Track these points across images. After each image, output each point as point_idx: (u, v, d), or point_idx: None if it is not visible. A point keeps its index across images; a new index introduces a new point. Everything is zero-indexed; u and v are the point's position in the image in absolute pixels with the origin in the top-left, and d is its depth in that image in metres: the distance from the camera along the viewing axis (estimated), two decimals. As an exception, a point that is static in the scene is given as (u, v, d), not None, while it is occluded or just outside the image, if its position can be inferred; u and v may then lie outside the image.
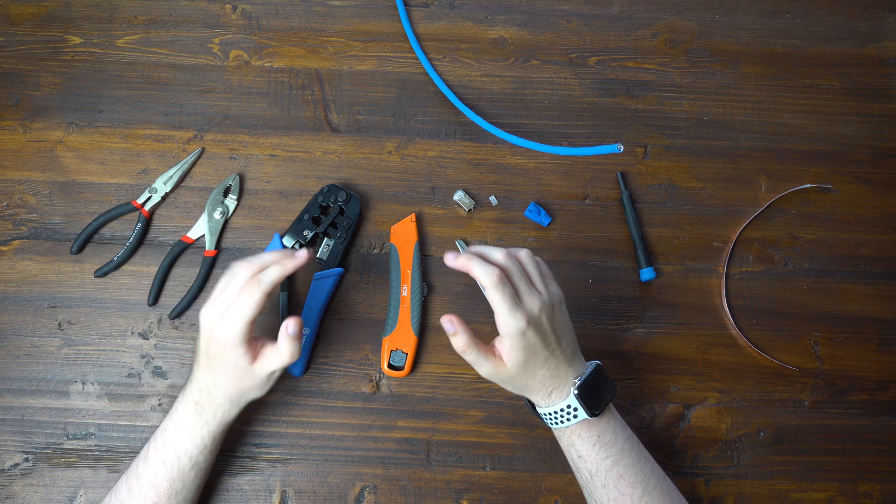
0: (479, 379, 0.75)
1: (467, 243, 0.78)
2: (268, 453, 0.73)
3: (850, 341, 0.78)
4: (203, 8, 0.85)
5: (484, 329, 0.76)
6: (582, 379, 0.62)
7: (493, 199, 0.79)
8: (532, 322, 0.60)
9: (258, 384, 0.63)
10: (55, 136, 0.80)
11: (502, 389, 0.75)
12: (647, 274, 0.77)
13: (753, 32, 0.86)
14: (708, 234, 0.80)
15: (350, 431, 0.74)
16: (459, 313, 0.76)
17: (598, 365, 0.64)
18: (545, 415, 0.65)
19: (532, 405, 0.67)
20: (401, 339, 0.75)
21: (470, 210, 0.79)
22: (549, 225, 0.79)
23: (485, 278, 0.59)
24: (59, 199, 0.79)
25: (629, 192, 0.80)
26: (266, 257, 0.63)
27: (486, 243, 0.79)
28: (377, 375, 0.75)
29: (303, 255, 0.62)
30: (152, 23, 0.84)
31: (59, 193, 0.79)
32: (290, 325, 0.61)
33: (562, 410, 0.63)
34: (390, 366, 0.74)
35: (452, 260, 0.61)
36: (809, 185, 0.81)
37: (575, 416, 0.63)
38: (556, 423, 0.64)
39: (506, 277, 0.60)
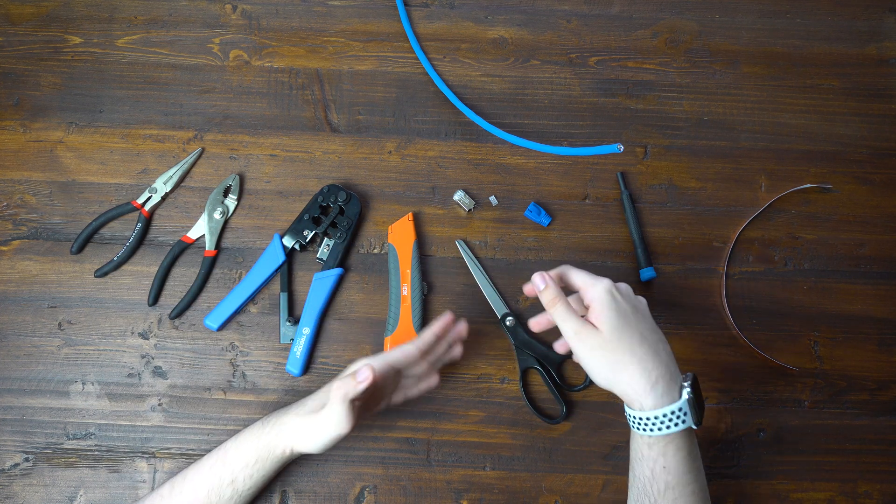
0: (480, 379, 0.75)
1: (467, 243, 0.78)
2: (268, 453, 0.73)
3: (850, 341, 0.78)
4: (203, 8, 0.85)
5: (485, 329, 0.76)
6: (690, 381, 0.59)
7: (493, 199, 0.79)
8: (616, 289, 0.61)
9: (320, 414, 0.63)
10: (55, 136, 0.80)
11: (502, 389, 0.75)
12: (647, 274, 0.77)
13: (753, 32, 0.86)
14: (708, 234, 0.80)
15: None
16: (459, 313, 0.77)
17: (692, 375, 0.60)
18: (647, 418, 0.59)
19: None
20: (403, 338, 0.75)
21: (470, 210, 0.79)
22: (549, 225, 0.79)
23: (562, 269, 0.64)
24: (59, 199, 0.79)
25: (629, 192, 0.80)
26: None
27: (486, 243, 0.79)
28: (377, 375, 0.75)
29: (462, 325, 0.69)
30: (152, 23, 0.84)
31: (59, 193, 0.79)
32: (361, 370, 0.61)
33: (671, 414, 0.58)
34: (390, 366, 0.74)
35: (539, 282, 0.63)
36: (809, 185, 0.81)
37: (683, 422, 0.58)
38: (658, 429, 0.58)
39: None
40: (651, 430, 0.59)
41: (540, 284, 0.63)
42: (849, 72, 0.85)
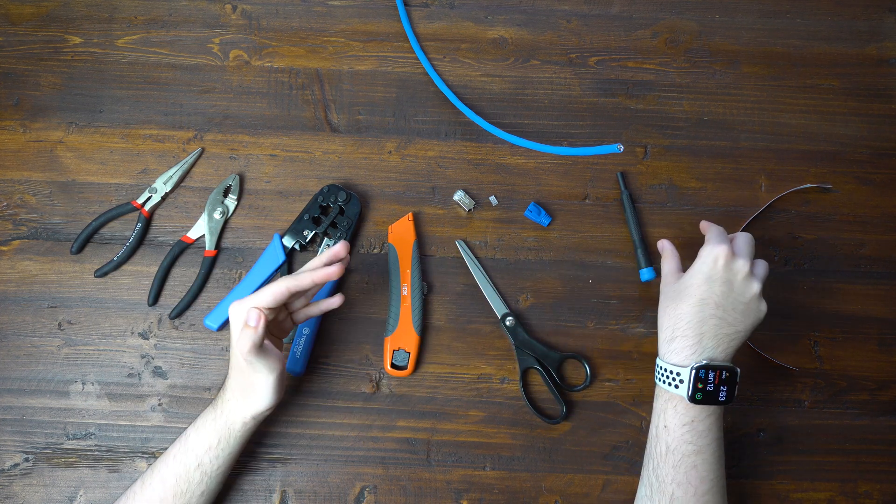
0: (480, 379, 0.75)
1: (467, 243, 0.78)
2: (268, 453, 0.73)
3: (850, 341, 0.78)
4: (203, 8, 0.85)
5: (484, 329, 0.76)
6: (708, 363, 0.62)
7: (493, 199, 0.79)
8: (729, 259, 0.64)
9: (248, 378, 0.63)
10: (55, 136, 0.80)
11: (502, 389, 0.75)
12: (646, 274, 0.77)
13: (753, 32, 0.86)
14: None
15: (350, 431, 0.74)
16: (459, 313, 0.77)
17: (736, 370, 0.63)
18: (657, 367, 0.65)
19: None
20: (403, 338, 0.75)
21: (470, 210, 0.79)
22: (549, 225, 0.79)
23: (708, 226, 0.69)
24: (59, 199, 0.79)
25: (629, 192, 0.80)
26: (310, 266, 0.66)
27: (486, 243, 0.79)
28: (377, 375, 0.75)
29: (335, 269, 0.64)
30: (152, 23, 0.84)
31: (59, 193, 0.79)
32: (249, 315, 0.61)
33: (669, 372, 0.63)
34: (393, 365, 0.74)
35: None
36: (809, 185, 0.81)
37: (676, 388, 0.62)
38: (658, 380, 0.65)
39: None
40: (657, 378, 0.65)
41: (660, 245, 0.73)
42: (849, 72, 0.85)
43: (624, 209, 0.79)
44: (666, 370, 0.64)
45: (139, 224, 0.77)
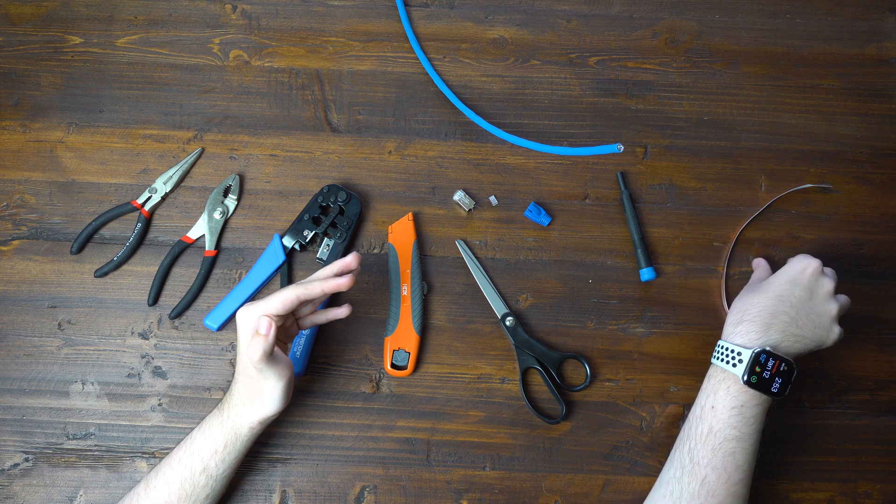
0: (480, 379, 0.75)
1: (467, 243, 0.78)
2: (268, 453, 0.73)
3: (850, 341, 0.77)
4: (203, 8, 0.85)
5: (484, 329, 0.76)
6: (771, 350, 0.63)
7: (493, 199, 0.79)
8: (816, 273, 0.66)
9: (257, 384, 0.63)
10: (55, 136, 0.80)
11: (502, 389, 0.75)
12: (647, 274, 0.77)
13: (753, 32, 0.86)
14: (708, 234, 0.80)
15: (350, 431, 0.74)
16: (459, 313, 0.77)
17: (794, 367, 0.64)
18: (718, 347, 0.66)
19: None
20: (403, 338, 0.75)
21: (470, 210, 0.79)
22: (549, 225, 0.79)
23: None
24: (59, 199, 0.79)
25: (629, 192, 0.80)
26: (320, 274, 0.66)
27: (486, 243, 0.79)
28: (377, 375, 0.75)
29: (348, 261, 0.64)
30: (152, 23, 0.84)
31: (59, 193, 0.79)
32: (259, 323, 0.61)
33: (730, 350, 0.64)
34: (393, 365, 0.74)
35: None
36: (809, 185, 0.81)
37: (733, 367, 0.63)
38: (715, 359, 0.66)
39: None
40: (714, 358, 0.66)
41: (756, 263, 0.77)
42: (849, 72, 0.85)
43: (624, 209, 0.79)
44: (727, 349, 0.65)
45: (139, 224, 0.77)
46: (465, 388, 0.75)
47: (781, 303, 0.65)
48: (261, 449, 0.73)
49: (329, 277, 0.64)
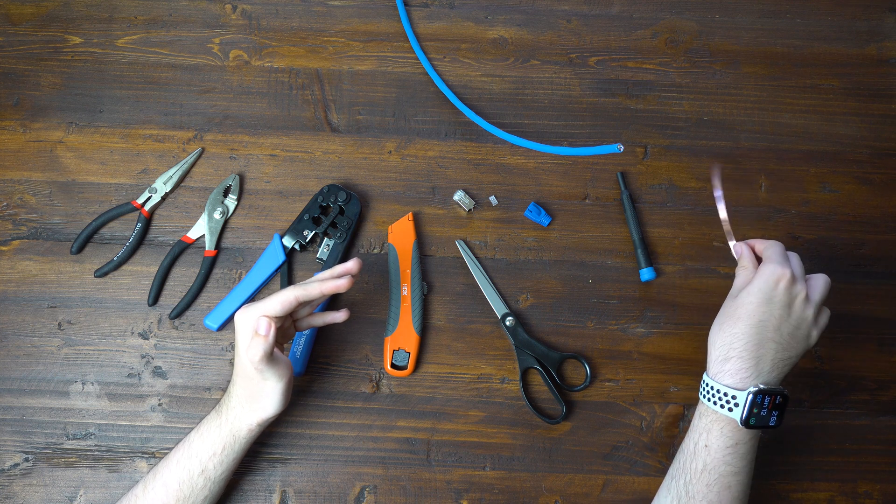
0: (480, 379, 0.75)
1: (467, 243, 0.78)
2: (268, 453, 0.73)
3: (850, 341, 0.78)
4: (203, 8, 0.85)
5: (484, 329, 0.76)
6: (765, 388, 0.60)
7: (493, 199, 0.79)
8: (790, 283, 0.62)
9: (257, 386, 0.63)
10: (55, 136, 0.80)
11: (502, 389, 0.75)
12: (647, 274, 0.77)
13: (753, 32, 0.86)
14: (708, 234, 0.80)
15: (350, 431, 0.74)
16: (459, 313, 0.77)
17: (786, 394, 0.62)
18: (705, 385, 0.63)
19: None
20: (403, 338, 0.75)
21: (470, 210, 0.79)
22: (549, 225, 0.79)
23: (769, 243, 0.66)
24: (59, 199, 0.79)
25: (629, 192, 0.80)
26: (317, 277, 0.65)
27: (486, 243, 0.79)
28: (377, 375, 0.75)
29: (349, 266, 0.64)
30: (152, 23, 0.84)
31: (59, 193, 0.79)
32: (258, 324, 0.61)
33: (724, 395, 0.61)
34: (393, 365, 0.74)
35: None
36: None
37: (729, 410, 0.60)
38: (708, 401, 0.62)
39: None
40: (703, 396, 0.63)
41: (737, 251, 0.69)
42: (849, 72, 0.85)
43: (624, 209, 0.79)
44: (718, 391, 0.61)
45: (139, 224, 0.77)
46: (465, 388, 0.75)
47: (764, 329, 0.62)
48: (261, 449, 0.73)
49: (328, 279, 0.64)
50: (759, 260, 0.67)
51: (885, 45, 0.86)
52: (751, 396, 0.60)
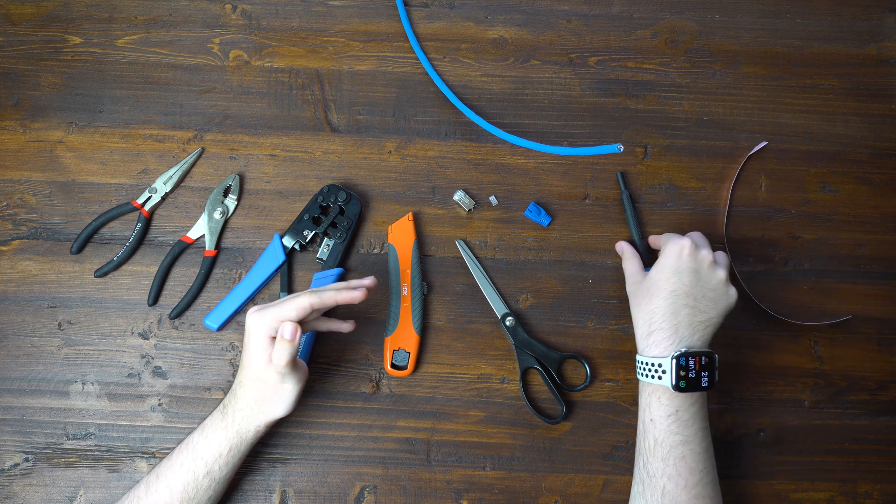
0: (479, 379, 0.75)
1: (467, 243, 0.78)
2: (268, 453, 0.73)
3: (850, 341, 0.78)
4: (203, 8, 0.85)
5: (484, 329, 0.76)
6: (687, 350, 0.63)
7: (493, 199, 0.79)
8: (693, 251, 0.66)
9: (276, 387, 0.63)
10: (55, 136, 0.80)
11: (502, 389, 0.75)
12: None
13: (753, 32, 0.86)
14: (708, 235, 0.79)
15: (350, 431, 0.74)
16: (459, 313, 0.77)
17: (714, 355, 0.65)
18: (638, 362, 0.67)
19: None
20: (403, 338, 0.75)
21: (470, 210, 0.79)
22: (549, 225, 0.79)
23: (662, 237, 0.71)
24: (59, 199, 0.79)
25: (629, 191, 0.80)
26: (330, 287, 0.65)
27: (486, 243, 0.79)
28: (377, 375, 0.75)
29: (367, 281, 0.65)
30: (152, 23, 0.84)
31: (59, 193, 0.79)
32: (284, 329, 0.60)
33: (650, 365, 0.65)
34: (393, 365, 0.74)
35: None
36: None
37: (659, 379, 0.64)
38: (640, 375, 0.66)
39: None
40: (638, 373, 0.67)
41: (621, 248, 0.76)
42: (849, 72, 0.85)
43: (624, 209, 0.79)
44: (647, 363, 0.65)
45: (139, 224, 0.77)
46: (465, 388, 0.75)
47: (677, 297, 0.65)
48: (261, 449, 0.73)
49: (343, 289, 0.64)
50: (655, 253, 0.73)
51: (885, 45, 0.86)
52: (674, 361, 0.63)
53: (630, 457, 0.74)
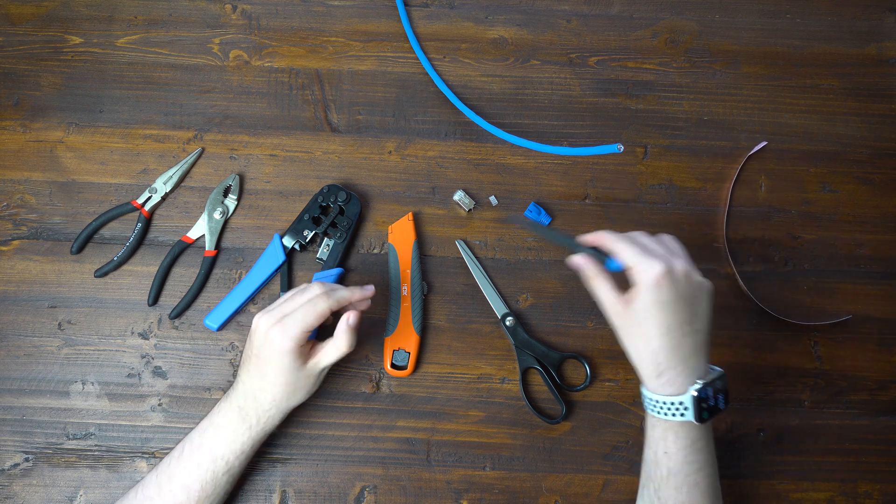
0: (480, 379, 0.75)
1: (467, 243, 0.78)
2: (268, 453, 0.73)
3: (850, 341, 0.78)
4: (203, 8, 0.85)
5: (484, 329, 0.76)
6: (705, 382, 0.60)
7: (493, 199, 0.79)
8: (670, 275, 0.60)
9: (307, 385, 0.65)
10: (55, 136, 0.80)
11: (502, 389, 0.75)
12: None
13: (753, 32, 0.86)
14: (708, 235, 0.80)
15: (350, 431, 0.74)
16: (459, 313, 0.77)
17: (723, 373, 0.62)
18: (649, 399, 0.62)
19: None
20: (403, 338, 0.75)
21: (470, 210, 0.79)
22: (549, 225, 0.79)
23: (611, 240, 0.63)
24: (59, 199, 0.79)
25: (531, 218, 0.78)
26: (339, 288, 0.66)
27: (486, 243, 0.79)
28: (377, 375, 0.75)
29: (370, 289, 0.67)
30: (152, 23, 0.84)
31: (59, 193, 0.79)
32: (350, 317, 0.64)
33: (671, 404, 0.61)
34: (393, 365, 0.74)
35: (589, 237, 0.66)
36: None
37: (682, 416, 0.60)
38: (658, 413, 0.62)
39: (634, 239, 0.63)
40: (653, 411, 0.62)
41: (580, 265, 0.65)
42: (849, 72, 0.85)
43: (543, 236, 0.78)
44: (664, 403, 0.61)
45: (139, 224, 0.77)
46: (465, 388, 0.75)
47: (673, 332, 0.60)
48: (261, 449, 0.73)
49: (357, 289, 0.66)
50: (604, 253, 0.65)
51: (885, 45, 0.86)
52: (694, 399, 0.60)
53: (630, 457, 0.74)
